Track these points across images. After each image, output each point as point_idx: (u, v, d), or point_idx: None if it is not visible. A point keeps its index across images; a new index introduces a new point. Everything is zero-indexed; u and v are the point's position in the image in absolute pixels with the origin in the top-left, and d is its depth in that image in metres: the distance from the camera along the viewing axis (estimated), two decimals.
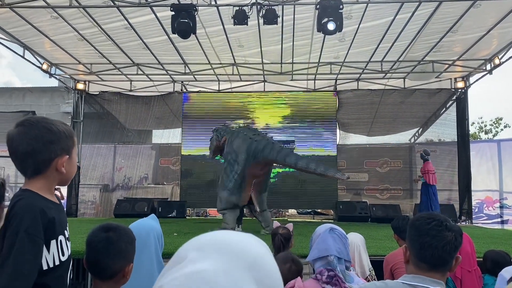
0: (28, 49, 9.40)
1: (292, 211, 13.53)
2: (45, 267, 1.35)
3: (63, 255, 1.41)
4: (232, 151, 7.15)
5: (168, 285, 0.51)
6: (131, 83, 11.83)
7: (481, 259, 3.71)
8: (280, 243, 2.95)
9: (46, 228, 1.35)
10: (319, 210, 12.89)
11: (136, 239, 1.62)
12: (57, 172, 1.42)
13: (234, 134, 7.51)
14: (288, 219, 11.61)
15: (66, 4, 7.09)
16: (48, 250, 1.36)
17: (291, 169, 11.37)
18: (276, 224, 3.25)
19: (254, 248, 0.57)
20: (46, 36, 8.84)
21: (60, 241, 1.41)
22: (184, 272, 0.52)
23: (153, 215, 2.12)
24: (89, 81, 11.85)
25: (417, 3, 7.27)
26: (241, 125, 9.78)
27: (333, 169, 7.58)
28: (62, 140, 1.43)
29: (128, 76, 11.27)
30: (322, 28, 6.59)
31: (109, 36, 8.79)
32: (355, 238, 3.21)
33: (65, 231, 1.46)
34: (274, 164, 7.63)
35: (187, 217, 11.20)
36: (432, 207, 8.39)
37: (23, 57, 9.42)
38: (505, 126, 21.95)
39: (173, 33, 6.95)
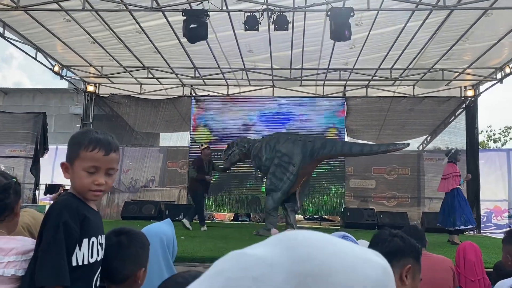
0: (40, 51, 9.51)
1: (299, 216, 13.49)
2: (74, 263, 1.39)
3: (91, 256, 1.44)
4: (282, 154, 7.61)
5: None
6: (141, 86, 11.91)
7: (491, 269, 3.69)
8: None
9: (81, 224, 1.42)
10: (326, 216, 12.85)
11: None
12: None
13: (272, 140, 8.05)
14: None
15: (79, 8, 7.17)
16: (80, 247, 1.40)
17: None
18: (274, 231, 3.29)
19: (322, 252, 0.51)
20: (59, 39, 8.94)
21: (92, 242, 1.45)
22: (240, 250, 0.52)
23: (168, 219, 2.13)
24: (99, 84, 11.95)
25: (428, 11, 7.27)
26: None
27: (391, 144, 8.23)
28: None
29: (138, 79, 11.36)
30: (334, 36, 6.61)
31: (120, 39, 8.87)
32: (364, 245, 3.21)
33: (100, 236, 1.51)
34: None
35: (193, 221, 11.20)
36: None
37: (35, 59, 9.53)
38: None
39: (185, 37, 6.99)
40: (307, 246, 0.51)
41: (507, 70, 9.52)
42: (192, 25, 6.69)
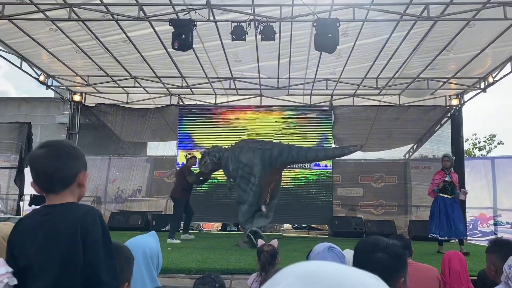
0: (25, 60, 9.41)
1: (287, 226, 13.48)
2: None
3: None
4: (243, 165, 7.44)
5: None
6: (127, 96, 11.85)
7: (476, 278, 3.72)
8: (266, 260, 3.00)
9: None
10: (314, 225, 12.85)
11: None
12: (78, 186, 1.53)
13: (236, 150, 7.89)
14: (283, 234, 11.58)
15: (65, 17, 7.13)
16: None
17: (286, 184, 11.47)
18: (260, 242, 3.30)
19: None
20: (44, 48, 8.87)
21: None
22: None
23: (153, 232, 2.11)
24: (85, 93, 11.86)
25: (413, 22, 7.38)
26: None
27: (345, 147, 8.55)
28: (82, 157, 1.57)
29: (125, 88, 11.30)
30: (319, 47, 6.67)
31: (107, 49, 8.83)
32: (350, 256, 3.21)
33: None
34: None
35: (181, 231, 11.11)
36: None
37: (20, 68, 9.43)
38: (498, 143, 22.13)
39: (173, 48, 6.99)
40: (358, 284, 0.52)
41: (490, 80, 9.70)
42: (179, 34, 6.70)
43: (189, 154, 9.75)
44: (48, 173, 1.47)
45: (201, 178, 8.99)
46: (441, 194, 7.19)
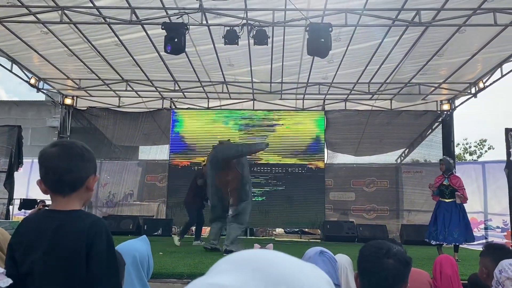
0: (16, 63, 9.34)
1: (279, 230, 13.47)
2: None
3: None
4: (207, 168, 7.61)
5: None
6: (119, 99, 11.79)
7: (466, 282, 3.73)
8: None
9: None
10: (306, 230, 12.85)
11: None
12: (86, 190, 1.49)
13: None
14: (276, 238, 11.56)
15: (57, 20, 7.09)
16: None
17: (279, 188, 11.46)
18: (256, 246, 3.27)
19: (292, 273, 0.53)
20: (35, 51, 8.81)
21: None
22: (204, 282, 0.52)
23: (144, 236, 2.09)
24: (77, 96, 11.78)
25: (404, 27, 7.44)
26: None
27: (252, 144, 8.60)
28: (94, 160, 1.53)
29: (117, 92, 11.24)
30: (311, 51, 6.70)
31: (99, 52, 8.79)
32: (342, 260, 3.20)
33: None
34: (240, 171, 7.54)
35: (172, 235, 11.05)
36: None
37: (10, 71, 9.36)
38: (489, 148, 22.34)
39: (166, 52, 6.98)
40: (276, 267, 0.52)
41: (481, 85, 9.79)
42: (171, 38, 6.69)
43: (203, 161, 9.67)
44: (57, 173, 1.43)
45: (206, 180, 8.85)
46: (440, 198, 7.11)
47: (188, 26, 6.85)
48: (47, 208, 1.52)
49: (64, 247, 1.38)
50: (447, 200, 7.05)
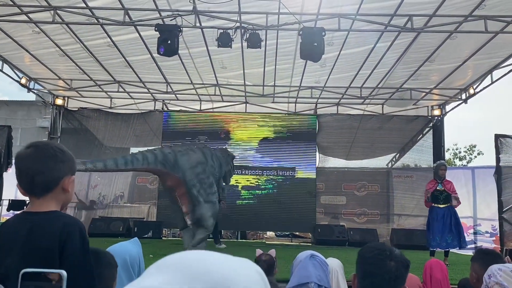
0: (7, 62, 9.26)
1: (270, 233, 13.46)
2: None
3: None
4: None
5: None
6: (111, 100, 11.73)
7: (456, 286, 3.75)
8: (263, 270, 2.94)
9: None
10: (297, 233, 12.86)
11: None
12: (63, 192, 1.46)
13: None
14: (266, 242, 11.54)
15: (49, 20, 7.03)
16: None
17: (270, 191, 11.47)
18: (258, 251, 3.25)
19: (223, 272, 0.55)
20: (27, 51, 8.73)
21: None
22: (133, 285, 0.55)
23: (135, 238, 2.08)
24: (68, 97, 11.70)
25: (397, 32, 7.50)
26: None
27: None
28: (69, 161, 1.49)
29: (108, 93, 11.18)
30: (304, 55, 6.72)
31: (91, 53, 8.74)
32: (333, 264, 3.21)
33: None
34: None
35: (163, 238, 11.01)
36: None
37: (1, 70, 9.26)
38: (478, 153, 22.54)
39: (158, 53, 6.95)
40: (196, 266, 0.55)
41: (471, 91, 9.89)
42: (164, 40, 6.67)
43: None
44: (29, 175, 1.42)
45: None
46: (434, 204, 7.03)
47: (181, 28, 6.83)
48: (24, 210, 1.51)
49: (38, 248, 1.36)
50: (441, 206, 7.00)
